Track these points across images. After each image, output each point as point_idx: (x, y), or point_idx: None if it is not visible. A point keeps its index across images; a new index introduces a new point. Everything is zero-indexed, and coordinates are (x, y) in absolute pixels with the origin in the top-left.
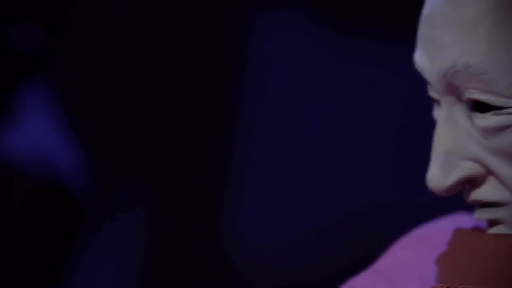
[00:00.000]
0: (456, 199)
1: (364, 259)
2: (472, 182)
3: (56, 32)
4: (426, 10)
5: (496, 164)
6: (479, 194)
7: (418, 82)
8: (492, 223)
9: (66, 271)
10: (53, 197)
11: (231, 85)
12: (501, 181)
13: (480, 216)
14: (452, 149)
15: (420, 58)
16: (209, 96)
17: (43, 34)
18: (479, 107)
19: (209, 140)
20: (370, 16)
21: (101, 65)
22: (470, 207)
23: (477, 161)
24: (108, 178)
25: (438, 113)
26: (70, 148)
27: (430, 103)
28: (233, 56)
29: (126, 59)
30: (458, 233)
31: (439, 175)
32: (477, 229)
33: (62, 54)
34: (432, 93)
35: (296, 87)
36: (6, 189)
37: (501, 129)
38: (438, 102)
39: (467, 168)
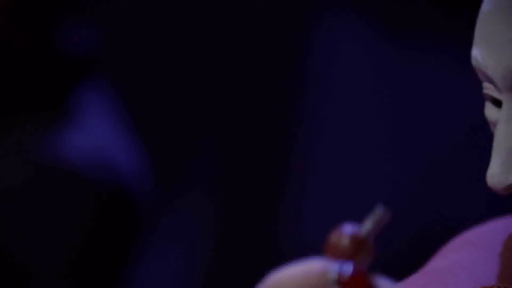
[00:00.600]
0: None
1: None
2: None
3: (115, 31)
4: (485, 7)
5: None
6: None
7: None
8: None
9: (127, 272)
10: (114, 198)
11: (291, 87)
12: None
13: None
14: None
15: (481, 55)
16: (271, 97)
17: (102, 34)
18: None
19: (271, 140)
20: (429, 18)
21: (161, 64)
22: None
23: None
24: (168, 178)
25: (494, 112)
26: (130, 148)
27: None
28: (294, 58)
29: (187, 58)
30: (509, 234)
31: (500, 173)
32: None
33: (122, 54)
34: (489, 91)
35: (357, 89)
36: (67, 190)
37: None
38: (494, 100)
39: None
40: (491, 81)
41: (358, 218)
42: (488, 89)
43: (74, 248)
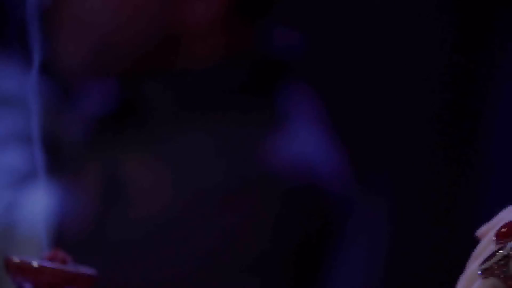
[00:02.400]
0: None
1: None
2: None
3: (316, 34)
4: None
5: None
6: None
7: None
8: None
9: (323, 274)
10: (314, 201)
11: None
12: None
13: None
14: None
15: None
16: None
17: (301, 37)
18: None
19: (447, 142)
20: None
21: (362, 68)
22: None
23: None
24: (366, 184)
25: None
26: (332, 154)
27: None
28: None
29: (388, 61)
30: None
31: None
32: None
33: (322, 58)
34: None
35: None
36: (270, 194)
37: None
38: None
39: None
40: None
41: None
42: None
43: (278, 250)
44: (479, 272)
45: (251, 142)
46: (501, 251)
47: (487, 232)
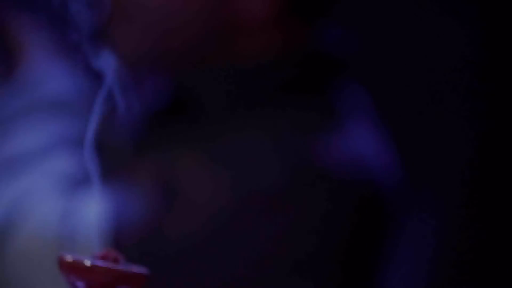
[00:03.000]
0: None
1: None
2: None
3: (370, 32)
4: None
5: None
6: None
7: None
8: None
9: (376, 274)
10: (368, 200)
11: None
12: None
13: None
14: None
15: None
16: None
17: (355, 34)
18: None
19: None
20: None
21: (415, 67)
22: None
23: None
24: (419, 184)
25: None
26: (387, 153)
27: None
28: None
29: (444, 61)
30: None
31: None
32: None
33: (377, 56)
34: None
35: None
36: (325, 192)
37: None
38: None
39: None
40: None
41: None
42: None
43: (332, 250)
44: None
45: (304, 140)
46: None
47: None
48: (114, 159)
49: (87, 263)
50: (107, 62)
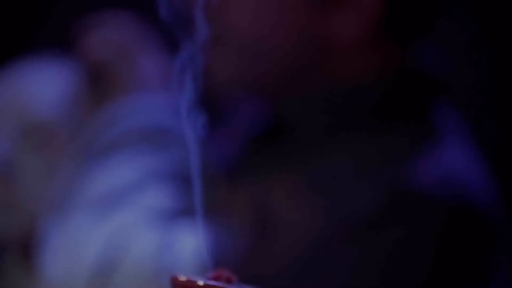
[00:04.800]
0: None
1: None
2: None
3: (463, 51)
4: None
5: None
6: None
7: None
8: None
9: None
10: (467, 224)
11: None
12: None
13: None
14: None
15: None
16: None
17: (449, 55)
18: None
19: None
20: None
21: (505, 84)
22: None
23: None
24: None
25: None
26: (482, 173)
27: None
28: None
29: None
30: None
31: None
32: None
33: (472, 76)
34: None
35: None
36: (418, 213)
37: None
38: None
39: None
40: None
41: None
42: None
43: (432, 270)
44: None
45: (400, 162)
46: None
47: None
48: (210, 188)
49: (201, 283)
50: (203, 90)
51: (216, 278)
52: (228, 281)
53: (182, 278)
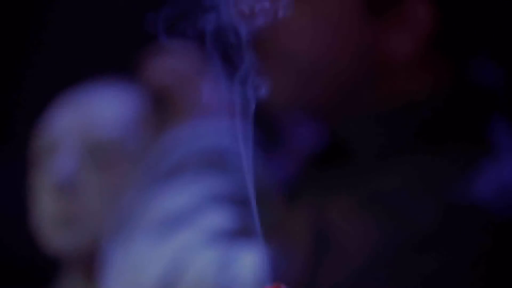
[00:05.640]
0: None
1: None
2: None
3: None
4: None
5: None
6: None
7: None
8: None
9: None
10: None
11: None
12: None
13: None
14: None
15: None
16: None
17: (504, 70)
18: None
19: None
20: None
21: None
22: None
23: None
24: None
25: None
26: None
27: None
28: None
29: None
30: None
31: None
32: None
33: None
34: None
35: None
36: (477, 229)
37: None
38: None
39: None
40: None
41: None
42: None
43: (495, 285)
44: None
45: (456, 179)
46: None
47: None
48: (268, 209)
49: None
50: (260, 114)
51: None
52: None
53: None
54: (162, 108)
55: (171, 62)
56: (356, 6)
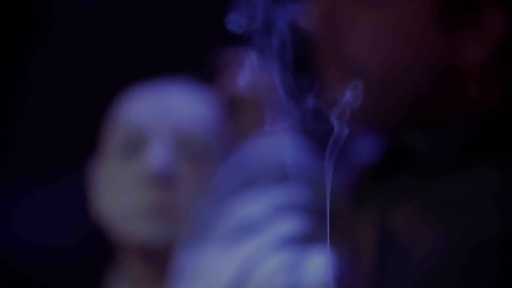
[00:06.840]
0: None
1: None
2: None
3: None
4: None
5: None
6: None
7: None
8: None
9: None
10: None
11: None
12: None
13: None
14: None
15: None
16: None
17: None
18: None
19: None
20: None
21: None
22: None
23: None
24: None
25: None
26: None
27: None
28: None
29: None
30: None
31: None
32: None
33: None
34: None
35: None
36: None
37: None
38: None
39: None
40: None
41: None
42: None
43: None
44: None
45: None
46: None
47: None
48: (335, 216)
49: None
50: (326, 124)
51: None
52: None
53: None
54: (235, 117)
55: (251, 75)
56: (431, 14)
